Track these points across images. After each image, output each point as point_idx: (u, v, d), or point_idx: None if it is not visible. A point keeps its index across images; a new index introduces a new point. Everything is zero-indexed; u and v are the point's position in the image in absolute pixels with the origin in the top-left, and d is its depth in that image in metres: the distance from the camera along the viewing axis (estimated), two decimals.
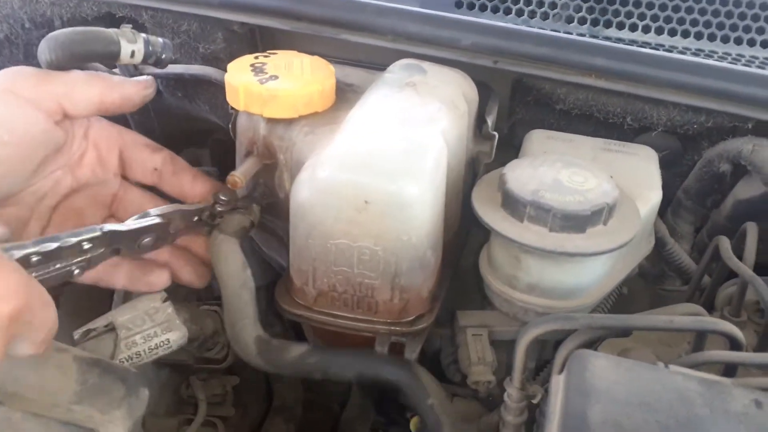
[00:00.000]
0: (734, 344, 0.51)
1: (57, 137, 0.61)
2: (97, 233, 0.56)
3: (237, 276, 0.64)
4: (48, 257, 0.51)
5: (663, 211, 0.80)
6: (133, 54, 0.63)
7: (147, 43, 0.64)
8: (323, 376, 0.63)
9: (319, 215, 0.58)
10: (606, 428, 0.40)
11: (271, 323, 0.94)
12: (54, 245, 0.52)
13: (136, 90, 0.65)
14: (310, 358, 0.63)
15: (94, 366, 0.52)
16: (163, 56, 0.66)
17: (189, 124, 0.93)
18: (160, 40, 0.66)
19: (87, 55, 0.62)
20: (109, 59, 0.63)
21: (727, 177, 0.72)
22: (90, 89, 0.61)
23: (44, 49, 0.60)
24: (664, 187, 0.69)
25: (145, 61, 0.65)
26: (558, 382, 0.45)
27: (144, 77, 0.67)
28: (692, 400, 0.42)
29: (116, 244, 0.58)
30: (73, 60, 0.61)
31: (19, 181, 0.59)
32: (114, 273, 0.65)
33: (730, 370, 0.51)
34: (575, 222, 0.56)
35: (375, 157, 0.58)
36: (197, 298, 0.82)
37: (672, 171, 0.78)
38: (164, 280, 0.67)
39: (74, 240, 0.54)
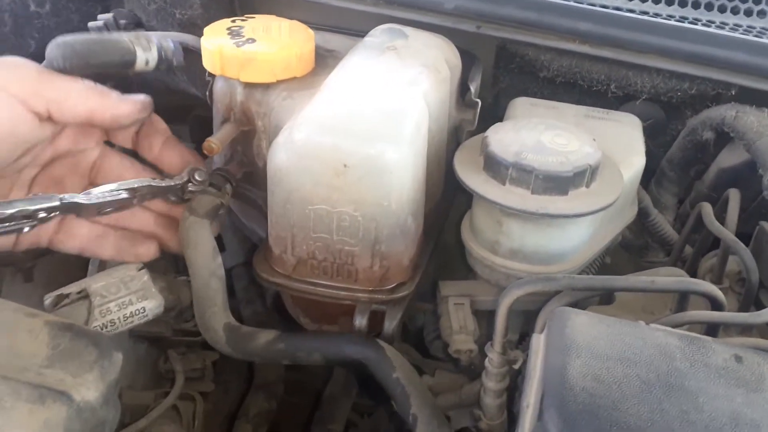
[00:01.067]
0: (715, 305, 0.50)
1: (43, 134, 0.60)
2: (56, 203, 0.55)
3: (206, 264, 0.62)
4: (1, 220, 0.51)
5: (647, 181, 0.80)
6: (147, 62, 0.63)
7: (160, 49, 0.64)
8: (292, 361, 0.62)
9: (297, 180, 0.57)
10: (586, 382, 0.39)
11: (251, 300, 0.93)
12: (9, 211, 0.52)
13: (129, 113, 0.62)
14: (278, 344, 0.61)
15: (65, 330, 0.51)
16: (174, 62, 0.66)
17: (168, 98, 0.91)
18: (171, 44, 0.65)
19: (102, 66, 0.61)
20: (123, 69, 0.62)
21: (710, 145, 0.71)
22: (83, 103, 0.59)
23: (57, 56, 0.58)
24: (649, 158, 0.69)
25: (157, 68, 0.65)
26: (538, 341, 0.45)
27: (142, 97, 0.63)
28: (672, 354, 0.41)
29: (74, 212, 0.57)
30: (86, 70, 0.60)
31: (1, 166, 0.58)
32: (100, 244, 0.64)
33: (711, 330, 0.51)
34: (557, 183, 0.55)
35: (354, 119, 0.57)
36: (176, 272, 0.80)
37: (656, 141, 0.78)
38: (152, 252, 0.66)
39: (31, 208, 0.53)
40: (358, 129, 0.56)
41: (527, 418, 0.42)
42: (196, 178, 0.64)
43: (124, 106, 0.62)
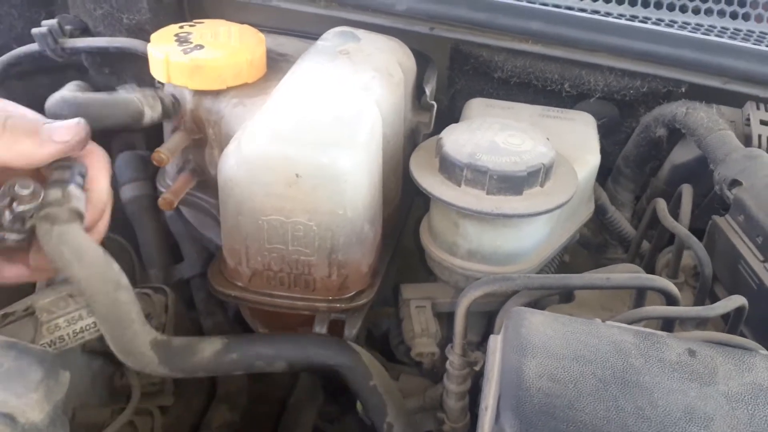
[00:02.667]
0: (670, 300, 0.51)
1: None
2: None
3: (104, 276, 0.49)
4: None
5: (603, 179, 0.81)
6: (153, 119, 0.63)
7: (163, 103, 0.63)
8: (248, 370, 0.54)
9: (248, 190, 0.55)
10: (542, 382, 0.39)
11: (212, 311, 0.91)
12: None
13: (49, 156, 0.48)
14: (229, 354, 0.53)
15: (9, 349, 0.49)
16: (174, 112, 0.65)
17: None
18: (171, 97, 0.65)
19: (114, 126, 0.60)
20: (131, 126, 0.62)
21: (663, 142, 0.72)
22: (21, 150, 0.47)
23: (69, 116, 0.50)
24: (605, 156, 0.69)
25: (159, 120, 0.64)
26: (495, 341, 0.44)
27: (75, 122, 0.49)
28: (627, 351, 0.41)
29: None
30: (96, 129, 0.53)
31: None
32: None
33: (667, 325, 0.51)
34: (512, 183, 0.55)
35: (305, 127, 0.55)
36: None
37: (611, 139, 0.78)
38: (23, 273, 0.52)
39: None
40: (309, 137, 0.55)
41: (486, 420, 0.41)
42: (22, 191, 0.47)
43: (46, 150, 0.48)
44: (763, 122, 0.66)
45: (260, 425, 0.90)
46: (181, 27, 0.66)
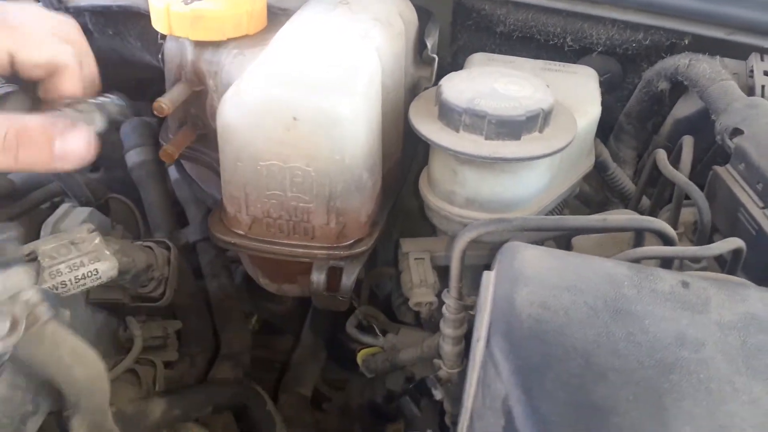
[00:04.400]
0: (666, 241, 0.50)
1: None
2: None
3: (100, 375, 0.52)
4: None
5: (606, 137, 0.80)
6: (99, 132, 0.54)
7: (105, 113, 0.54)
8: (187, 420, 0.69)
9: (247, 135, 0.56)
10: (533, 309, 0.39)
11: (216, 274, 0.92)
12: None
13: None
14: (174, 411, 0.67)
15: None
16: (122, 118, 0.57)
17: (125, 71, 0.89)
18: (112, 101, 0.56)
19: None
20: None
21: (665, 97, 0.71)
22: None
23: None
24: (608, 113, 0.69)
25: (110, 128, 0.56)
26: (489, 277, 0.44)
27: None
28: (620, 282, 0.41)
29: None
30: None
31: None
32: None
33: (665, 265, 0.51)
34: (510, 128, 0.54)
35: (304, 72, 0.56)
36: (136, 237, 0.79)
37: (614, 95, 0.78)
38: None
39: None
40: (308, 81, 0.55)
41: (478, 351, 0.41)
42: None
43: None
44: (766, 73, 0.66)
45: (263, 385, 0.92)
46: None
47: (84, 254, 0.59)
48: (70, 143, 0.47)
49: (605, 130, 0.79)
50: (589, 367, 0.36)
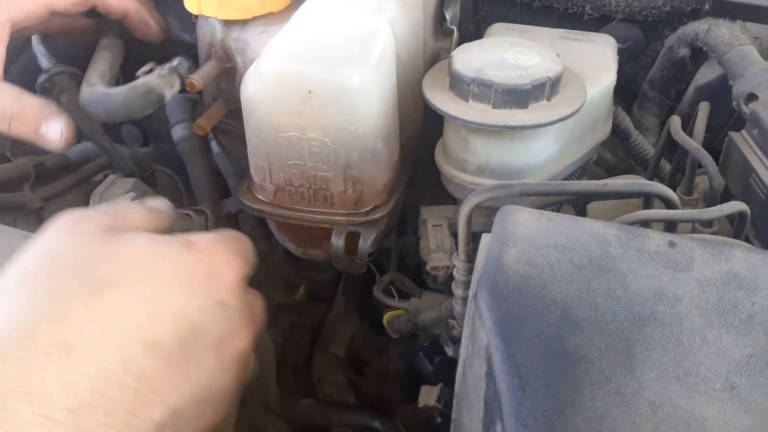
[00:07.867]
0: (669, 205, 0.52)
1: None
2: None
3: None
4: None
5: (630, 106, 0.80)
6: (173, 95, 0.65)
7: (180, 77, 0.66)
8: None
9: (267, 108, 0.59)
10: (519, 266, 0.41)
11: (258, 239, 0.97)
12: None
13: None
14: None
15: None
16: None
17: (166, 50, 0.94)
18: (185, 64, 0.66)
19: (140, 114, 0.64)
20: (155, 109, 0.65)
21: (687, 63, 0.71)
22: None
23: (100, 113, 0.62)
24: (631, 81, 0.69)
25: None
26: (485, 239, 0.47)
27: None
28: (608, 241, 0.43)
29: None
30: (125, 119, 0.65)
31: None
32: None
33: (670, 229, 0.52)
34: (517, 96, 0.56)
35: (317, 46, 0.59)
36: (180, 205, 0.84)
37: (637, 63, 0.78)
38: None
39: None
40: (321, 55, 0.58)
41: (468, 305, 0.44)
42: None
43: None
44: None
45: (299, 348, 0.96)
46: None
47: None
48: (51, 129, 0.61)
49: (629, 98, 0.79)
50: (567, 319, 0.38)
